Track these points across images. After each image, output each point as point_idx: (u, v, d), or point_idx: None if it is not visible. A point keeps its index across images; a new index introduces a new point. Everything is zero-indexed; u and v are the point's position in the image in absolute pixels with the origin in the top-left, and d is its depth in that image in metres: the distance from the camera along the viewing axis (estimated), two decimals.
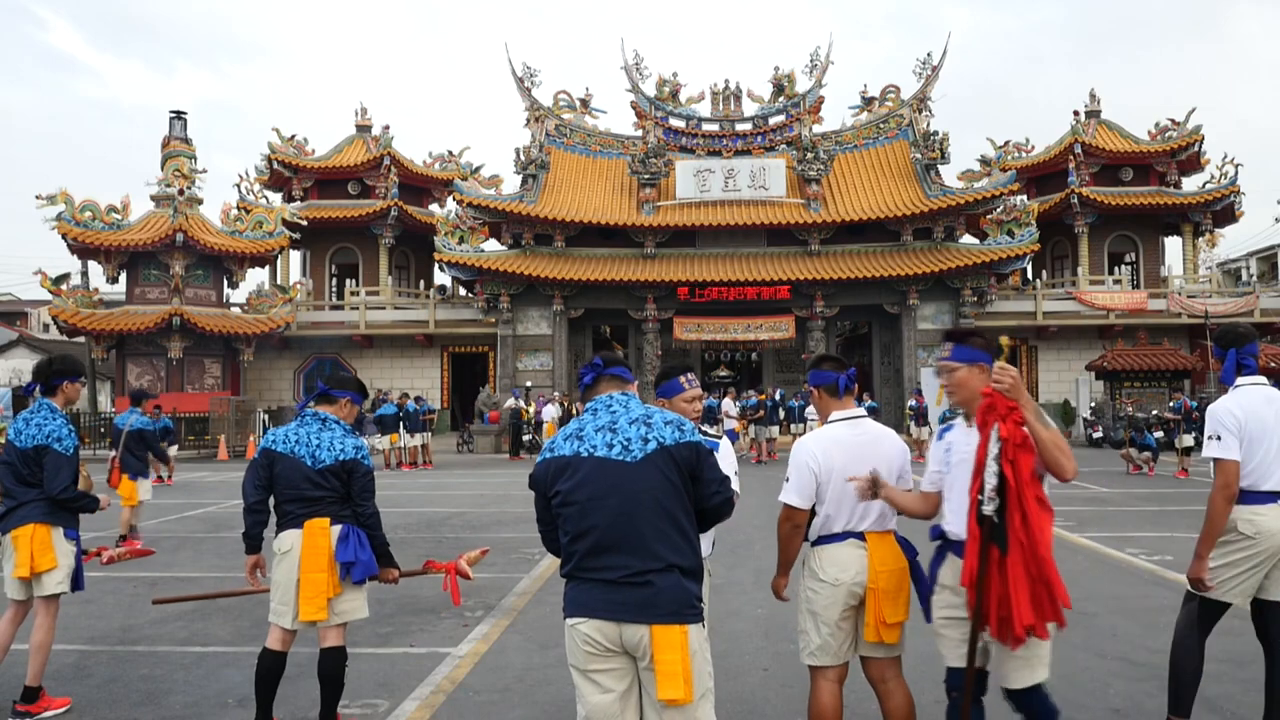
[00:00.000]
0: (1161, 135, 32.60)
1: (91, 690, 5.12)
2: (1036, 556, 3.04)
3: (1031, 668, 3.23)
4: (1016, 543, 3.04)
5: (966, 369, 3.36)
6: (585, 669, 2.74)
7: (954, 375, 3.40)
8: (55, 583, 4.81)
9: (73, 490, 4.82)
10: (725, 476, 2.94)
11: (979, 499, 3.08)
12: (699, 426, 3.83)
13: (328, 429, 4.41)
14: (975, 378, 3.33)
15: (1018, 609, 3.03)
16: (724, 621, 6.38)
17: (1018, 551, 3.04)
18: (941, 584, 3.44)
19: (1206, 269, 41.55)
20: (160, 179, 28.64)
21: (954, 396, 3.44)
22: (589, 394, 3.00)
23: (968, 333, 3.48)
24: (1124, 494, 14.36)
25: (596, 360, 3.04)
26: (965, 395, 3.38)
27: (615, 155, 33.08)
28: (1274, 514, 3.88)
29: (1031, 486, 3.05)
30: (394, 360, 32.05)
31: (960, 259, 28.38)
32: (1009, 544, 3.04)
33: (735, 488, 3.69)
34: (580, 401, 3.06)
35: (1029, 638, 3.10)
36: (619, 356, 3.10)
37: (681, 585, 2.72)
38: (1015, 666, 3.22)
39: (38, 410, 4.89)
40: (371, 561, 4.39)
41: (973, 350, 3.38)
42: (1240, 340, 4.08)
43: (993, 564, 3.07)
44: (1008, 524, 3.04)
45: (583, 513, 2.75)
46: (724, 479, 2.91)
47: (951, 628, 3.38)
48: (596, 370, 3.01)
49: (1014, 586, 3.04)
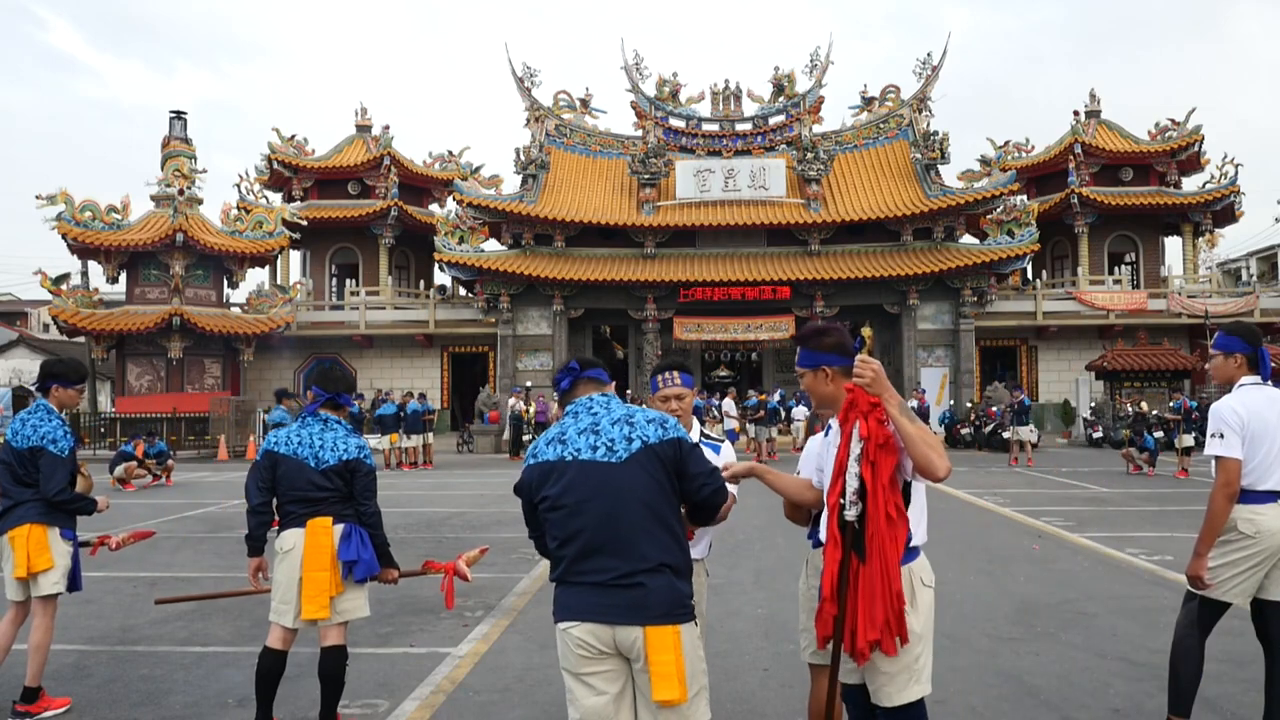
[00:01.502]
0: (1161, 135, 32.60)
1: (91, 690, 5.12)
2: (888, 568, 2.81)
3: (907, 684, 2.95)
4: (876, 551, 2.81)
5: (811, 374, 3.17)
6: (578, 672, 2.73)
7: (802, 381, 3.23)
8: (51, 583, 4.80)
9: (68, 492, 4.81)
10: (714, 468, 2.91)
11: (840, 503, 2.87)
12: (703, 430, 3.83)
13: (330, 429, 4.43)
14: (821, 383, 3.15)
15: (864, 622, 2.81)
16: (724, 621, 6.38)
17: (876, 561, 2.81)
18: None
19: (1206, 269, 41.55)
20: (160, 179, 28.64)
21: (815, 402, 3.26)
22: (567, 398, 2.98)
23: (813, 333, 3.22)
24: (1124, 494, 14.36)
25: (572, 364, 3.01)
26: (819, 399, 3.20)
27: (615, 155, 33.08)
28: (1274, 513, 3.88)
29: (891, 493, 2.82)
30: (394, 360, 32.05)
31: (960, 259, 28.38)
32: (868, 552, 2.82)
33: (735, 489, 3.69)
34: (559, 406, 3.01)
35: (875, 653, 2.87)
36: (594, 359, 3.08)
37: (673, 585, 2.72)
38: (884, 682, 2.96)
39: (34, 411, 4.90)
40: (373, 560, 4.40)
41: (815, 354, 3.15)
42: (1260, 338, 4.14)
43: (850, 573, 2.86)
44: (867, 531, 2.82)
45: (570, 516, 2.74)
46: (712, 470, 2.88)
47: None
48: (573, 374, 2.99)
49: (864, 599, 2.82)
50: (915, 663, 2.96)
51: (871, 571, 2.81)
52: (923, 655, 2.98)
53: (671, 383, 3.74)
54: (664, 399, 3.74)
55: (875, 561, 2.81)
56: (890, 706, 2.96)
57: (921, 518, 3.10)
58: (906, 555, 2.95)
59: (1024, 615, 6.58)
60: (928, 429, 2.87)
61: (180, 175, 28.12)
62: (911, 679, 2.96)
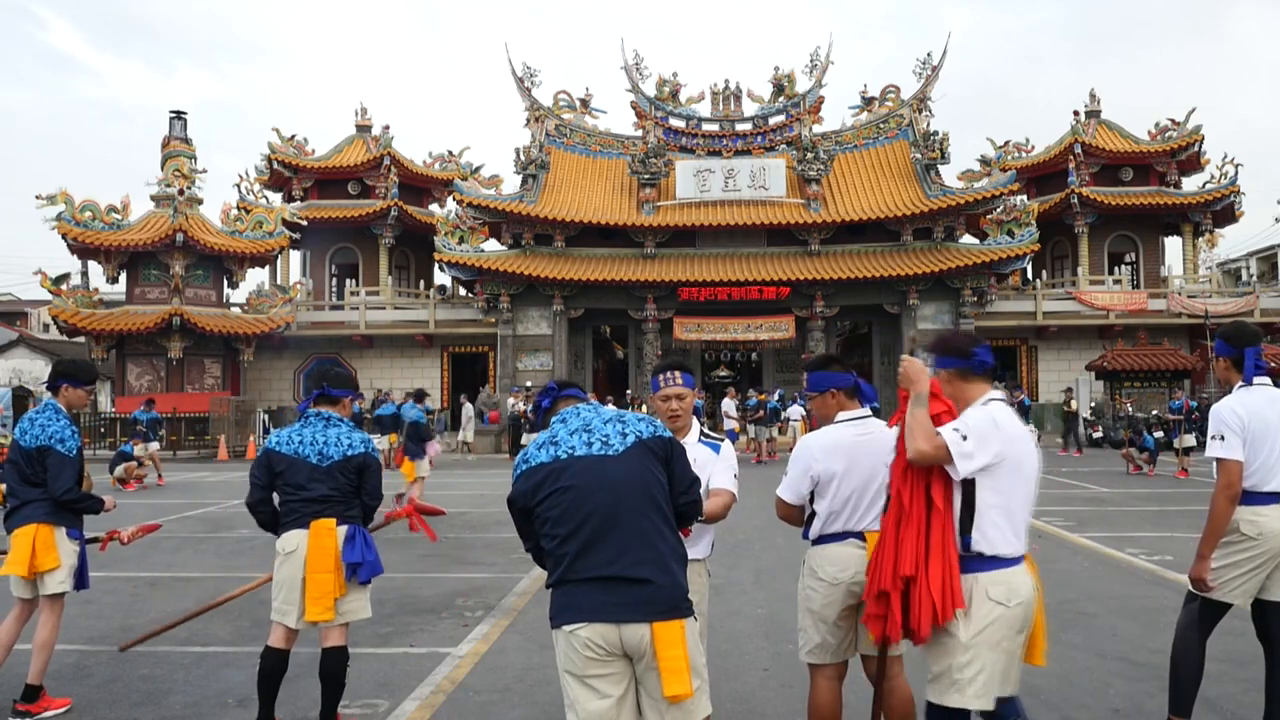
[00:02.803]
0: (1161, 135, 32.59)
1: (91, 690, 5.12)
2: (905, 553, 3.06)
3: (947, 689, 3.02)
4: (906, 535, 3.09)
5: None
6: (583, 675, 2.69)
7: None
8: (58, 582, 4.81)
9: (76, 491, 4.82)
10: (696, 479, 2.95)
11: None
12: (703, 430, 3.83)
13: (332, 426, 4.43)
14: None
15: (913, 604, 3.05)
16: (724, 621, 6.38)
17: (907, 545, 3.08)
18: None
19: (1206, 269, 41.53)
20: (160, 179, 28.64)
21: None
22: (548, 416, 3.03)
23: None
24: (1124, 494, 14.36)
25: (550, 385, 3.14)
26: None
27: (615, 155, 33.08)
28: (1276, 515, 3.88)
29: (920, 481, 3.07)
30: (394, 360, 32.03)
31: (960, 259, 28.38)
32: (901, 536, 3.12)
33: (734, 489, 3.69)
34: (541, 427, 3.05)
35: (927, 646, 3.05)
36: (571, 381, 3.21)
37: (675, 579, 2.73)
38: (930, 677, 3.09)
39: (42, 410, 4.91)
40: (377, 561, 4.41)
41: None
42: (1255, 339, 4.12)
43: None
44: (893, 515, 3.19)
45: (571, 511, 2.74)
46: (695, 480, 2.92)
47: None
48: (552, 394, 3.12)
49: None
50: (957, 671, 2.97)
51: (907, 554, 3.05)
52: (969, 667, 2.96)
53: (672, 382, 3.75)
54: (664, 398, 3.74)
55: (906, 545, 3.04)
56: (929, 700, 3.07)
57: (994, 522, 3.02)
58: (972, 563, 3.01)
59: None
60: (919, 417, 3.03)
61: (180, 175, 28.12)
62: (952, 686, 2.98)
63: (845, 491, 3.56)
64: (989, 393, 3.17)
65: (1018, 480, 3.04)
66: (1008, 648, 3.00)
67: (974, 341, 3.26)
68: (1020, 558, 3.07)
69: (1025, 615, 3.03)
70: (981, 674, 2.97)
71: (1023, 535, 3.08)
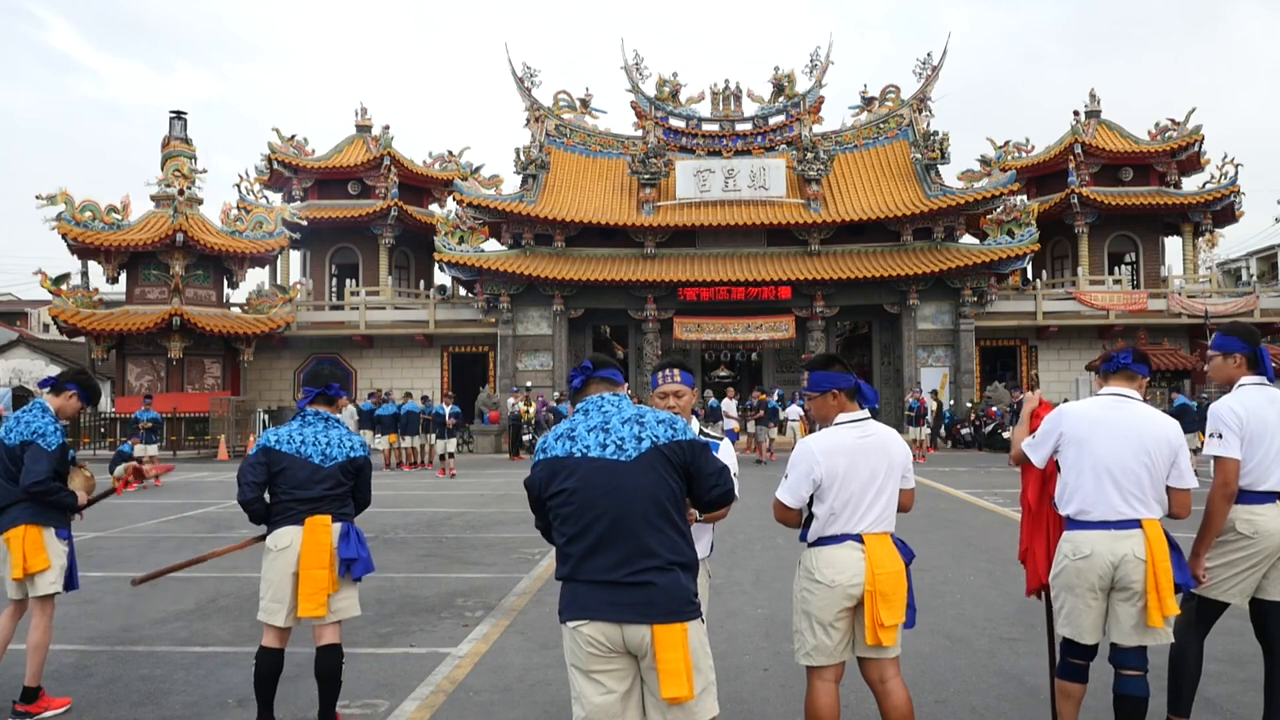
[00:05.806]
0: (1161, 135, 32.58)
1: (91, 690, 5.12)
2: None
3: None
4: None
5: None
6: (588, 669, 2.74)
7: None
8: (48, 583, 4.80)
9: (46, 484, 4.69)
10: (724, 467, 2.96)
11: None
12: (702, 428, 3.84)
13: (332, 427, 4.46)
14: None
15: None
16: (724, 621, 6.39)
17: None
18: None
19: (1206, 269, 41.54)
20: (160, 179, 28.62)
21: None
22: (579, 397, 3.00)
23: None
24: None
25: (586, 363, 3.04)
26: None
27: (615, 155, 33.08)
28: (1272, 514, 3.89)
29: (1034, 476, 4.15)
30: (394, 360, 32.03)
31: (960, 259, 28.38)
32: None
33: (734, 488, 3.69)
34: (570, 404, 3.06)
35: None
36: (609, 359, 3.09)
37: (680, 583, 2.74)
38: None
39: (29, 409, 4.91)
40: (370, 558, 4.43)
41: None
42: (1258, 338, 4.14)
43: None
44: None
45: (579, 513, 2.75)
46: (723, 469, 2.92)
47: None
48: (586, 373, 3.01)
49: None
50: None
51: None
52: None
53: (671, 380, 3.76)
54: (662, 395, 3.77)
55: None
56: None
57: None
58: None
59: (1024, 615, 6.57)
60: (1021, 430, 4.14)
61: (180, 175, 28.10)
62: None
63: (845, 494, 3.56)
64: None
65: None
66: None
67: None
68: None
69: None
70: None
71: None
